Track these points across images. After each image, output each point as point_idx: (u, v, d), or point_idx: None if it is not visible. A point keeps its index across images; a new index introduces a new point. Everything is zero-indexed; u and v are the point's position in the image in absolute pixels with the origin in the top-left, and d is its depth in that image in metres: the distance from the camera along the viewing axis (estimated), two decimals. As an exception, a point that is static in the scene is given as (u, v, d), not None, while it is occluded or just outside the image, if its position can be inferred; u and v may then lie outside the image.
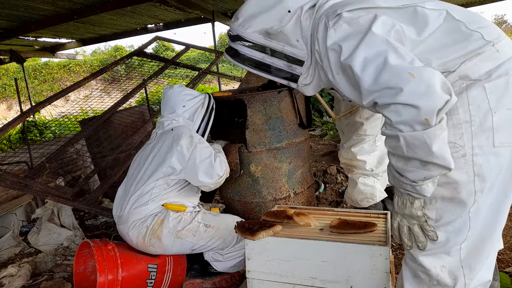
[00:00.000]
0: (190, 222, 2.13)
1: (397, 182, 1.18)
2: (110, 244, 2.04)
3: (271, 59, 1.38)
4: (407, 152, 1.06)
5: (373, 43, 1.10)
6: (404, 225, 1.24)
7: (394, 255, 2.42)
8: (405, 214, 1.22)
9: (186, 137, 2.18)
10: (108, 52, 21.95)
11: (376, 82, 1.07)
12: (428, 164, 1.06)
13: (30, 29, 5.66)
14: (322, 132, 6.54)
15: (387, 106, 1.06)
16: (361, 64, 1.10)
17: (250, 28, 1.35)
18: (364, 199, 2.54)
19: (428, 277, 1.25)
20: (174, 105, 2.39)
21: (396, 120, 1.05)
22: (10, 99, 18.38)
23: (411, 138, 1.03)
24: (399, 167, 1.13)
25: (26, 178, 2.73)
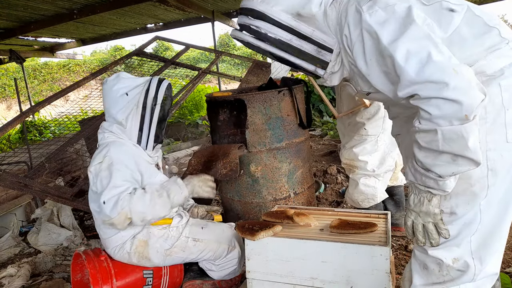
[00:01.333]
0: (177, 239, 2.01)
1: (420, 178, 1.18)
2: (102, 255, 1.99)
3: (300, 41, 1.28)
4: (442, 146, 1.06)
5: (416, 36, 1.09)
6: (419, 223, 1.24)
7: (394, 255, 2.42)
8: (421, 212, 1.23)
9: (97, 162, 1.83)
10: (108, 52, 21.95)
11: (419, 75, 1.05)
12: (458, 159, 1.07)
13: (30, 29, 5.65)
14: (322, 132, 6.54)
15: (428, 100, 1.05)
16: (404, 55, 1.08)
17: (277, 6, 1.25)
18: (365, 199, 2.53)
19: (438, 267, 1.27)
20: (106, 108, 1.99)
21: (436, 114, 1.04)
22: (9, 99, 18.37)
23: (450, 132, 1.04)
24: (428, 162, 1.13)
25: (26, 178, 2.73)
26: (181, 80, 5.80)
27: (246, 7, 1.29)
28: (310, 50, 1.31)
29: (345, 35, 1.23)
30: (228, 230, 2.20)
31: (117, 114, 1.93)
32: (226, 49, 20.21)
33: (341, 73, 1.37)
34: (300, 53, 1.31)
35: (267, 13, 1.25)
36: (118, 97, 1.93)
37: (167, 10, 5.78)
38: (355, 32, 1.20)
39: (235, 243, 2.17)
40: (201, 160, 2.71)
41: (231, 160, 2.46)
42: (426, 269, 1.31)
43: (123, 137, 1.96)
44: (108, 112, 1.97)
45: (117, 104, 1.93)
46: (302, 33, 1.27)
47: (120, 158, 1.84)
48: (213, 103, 2.85)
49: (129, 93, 1.94)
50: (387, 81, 1.19)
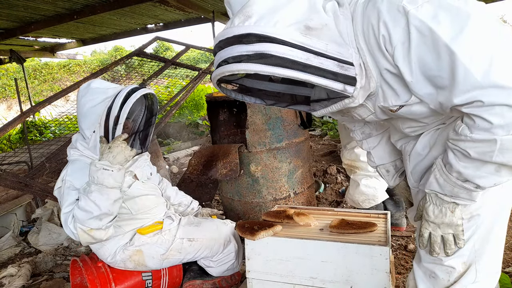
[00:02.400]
0: (172, 242, 2.01)
1: (451, 190, 1.12)
2: (99, 261, 1.99)
3: (318, 58, 1.01)
4: (496, 157, 0.98)
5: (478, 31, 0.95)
6: (439, 234, 1.19)
7: (394, 255, 2.42)
8: (443, 223, 1.17)
9: (58, 187, 1.80)
10: (108, 52, 21.96)
11: (485, 78, 0.92)
12: (502, 170, 1.02)
13: (30, 29, 5.66)
14: (322, 132, 6.53)
15: (491, 108, 0.93)
16: (468, 54, 0.93)
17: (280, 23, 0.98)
18: (366, 200, 2.54)
19: (448, 276, 1.25)
20: (78, 119, 1.85)
21: (498, 123, 0.94)
22: (10, 99, 18.38)
23: (508, 142, 0.96)
24: (469, 173, 1.05)
25: (26, 178, 2.73)
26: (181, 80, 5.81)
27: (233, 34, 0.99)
28: (332, 67, 1.04)
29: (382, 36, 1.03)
30: (222, 225, 2.19)
31: (85, 129, 1.83)
32: (226, 49, 20.16)
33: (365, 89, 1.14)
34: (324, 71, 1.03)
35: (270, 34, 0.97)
36: (84, 112, 1.81)
37: (167, 11, 5.78)
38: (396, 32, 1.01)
39: (231, 237, 2.18)
40: (201, 160, 2.72)
41: (231, 160, 2.47)
42: (433, 277, 1.29)
43: (87, 154, 1.86)
44: (79, 125, 1.86)
45: (84, 119, 1.82)
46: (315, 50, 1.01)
47: (73, 181, 1.77)
48: (213, 103, 2.86)
49: (95, 108, 1.79)
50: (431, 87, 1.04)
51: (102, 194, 1.65)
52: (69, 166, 1.83)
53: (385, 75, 1.11)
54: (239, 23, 0.99)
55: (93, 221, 1.65)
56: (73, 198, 1.72)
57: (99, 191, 1.65)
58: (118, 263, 1.96)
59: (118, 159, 1.69)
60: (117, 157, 1.69)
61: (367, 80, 1.13)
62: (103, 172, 1.65)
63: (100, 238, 1.71)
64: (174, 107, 3.91)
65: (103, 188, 1.65)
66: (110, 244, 1.93)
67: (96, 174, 1.65)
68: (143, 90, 1.87)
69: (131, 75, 4.92)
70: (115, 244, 1.94)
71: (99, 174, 1.65)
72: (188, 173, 2.81)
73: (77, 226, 1.65)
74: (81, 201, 1.66)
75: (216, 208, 3.56)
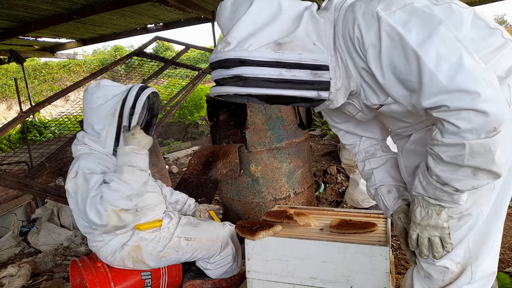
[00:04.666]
0: (170, 239, 2.02)
1: (433, 192, 1.13)
2: (99, 261, 1.99)
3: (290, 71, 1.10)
4: (467, 161, 1.00)
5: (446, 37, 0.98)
6: (425, 236, 1.20)
7: (394, 255, 2.42)
8: (429, 226, 1.18)
9: (71, 178, 1.80)
10: (108, 52, 21.96)
11: (450, 82, 0.95)
12: (479, 173, 1.02)
13: (30, 29, 5.65)
14: (322, 132, 6.54)
15: (457, 112, 0.96)
16: (434, 59, 0.96)
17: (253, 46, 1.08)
18: (365, 199, 2.54)
19: (442, 276, 1.26)
20: (86, 116, 1.93)
21: (466, 128, 0.96)
22: (10, 99, 18.39)
23: (477, 146, 0.98)
24: (447, 176, 1.07)
25: (26, 178, 2.73)
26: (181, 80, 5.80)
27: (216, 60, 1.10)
28: (305, 77, 1.12)
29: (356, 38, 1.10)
30: (220, 228, 2.20)
31: (95, 124, 1.90)
32: (226, 49, 20.18)
33: (346, 88, 1.21)
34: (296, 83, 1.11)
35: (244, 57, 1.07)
36: (96, 107, 1.89)
37: (167, 11, 5.78)
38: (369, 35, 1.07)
39: (228, 240, 2.18)
40: (201, 160, 2.72)
41: (231, 160, 2.47)
42: (428, 278, 1.30)
43: (96, 148, 1.91)
44: (87, 121, 1.93)
45: (96, 114, 1.89)
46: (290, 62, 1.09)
47: (92, 167, 1.81)
48: (213, 103, 2.86)
49: (108, 102, 1.89)
50: (403, 89, 1.08)
51: (134, 175, 1.74)
52: (81, 158, 1.85)
53: (364, 75, 1.17)
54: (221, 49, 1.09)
55: (124, 201, 1.70)
56: (98, 182, 1.75)
57: (131, 172, 1.73)
58: (117, 261, 1.96)
59: (143, 144, 1.82)
60: (141, 142, 1.81)
61: (347, 80, 1.19)
62: (134, 155, 1.77)
63: (127, 222, 1.75)
64: (174, 107, 3.91)
65: (135, 170, 1.75)
66: (113, 242, 1.94)
67: (127, 157, 1.75)
68: (151, 88, 1.99)
69: (131, 75, 4.91)
70: (117, 243, 1.95)
71: (131, 157, 1.75)
72: (188, 173, 2.81)
73: (107, 207, 1.67)
74: (112, 182, 1.71)
75: (216, 208, 3.55)
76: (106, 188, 1.70)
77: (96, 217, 1.68)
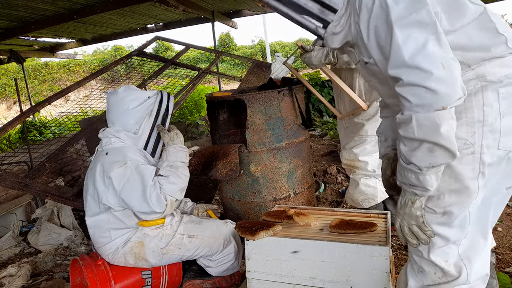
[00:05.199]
0: (172, 236, 2.04)
1: (404, 174, 1.20)
2: (99, 259, 2.00)
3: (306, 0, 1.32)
4: (417, 133, 1.10)
5: (423, 20, 1.09)
6: (405, 225, 1.27)
7: (394, 255, 2.42)
8: (405, 214, 1.25)
9: (118, 167, 1.88)
10: (108, 52, 21.96)
11: (411, 59, 1.07)
12: (435, 149, 1.10)
13: (30, 29, 5.65)
14: (322, 132, 6.53)
15: (410, 88, 1.08)
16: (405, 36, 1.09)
17: None
18: (366, 199, 2.54)
19: (434, 269, 1.29)
20: (115, 117, 2.05)
21: (416, 103, 1.08)
22: (10, 99, 18.38)
23: (423, 118, 1.08)
24: (408, 153, 1.16)
25: (26, 178, 2.73)
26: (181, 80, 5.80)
27: None
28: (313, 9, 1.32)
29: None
30: (222, 225, 2.22)
31: (130, 123, 2.02)
32: (226, 49, 20.22)
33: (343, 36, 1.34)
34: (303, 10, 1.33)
35: None
36: (131, 108, 2.02)
37: (167, 11, 5.78)
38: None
39: (230, 238, 2.19)
40: (201, 160, 2.72)
41: (231, 160, 2.47)
42: (421, 272, 1.33)
43: (129, 143, 2.03)
44: (119, 121, 2.03)
45: (131, 114, 2.02)
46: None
47: (138, 159, 1.95)
48: (213, 103, 2.86)
49: (143, 103, 2.05)
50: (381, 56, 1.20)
51: (185, 170, 1.98)
52: (124, 149, 1.97)
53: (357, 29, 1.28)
54: None
55: (180, 192, 1.93)
56: (153, 172, 1.91)
57: (184, 167, 1.98)
58: (119, 258, 1.97)
59: (182, 141, 2.08)
60: (182, 140, 2.08)
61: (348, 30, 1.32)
62: (183, 151, 2.01)
63: (171, 211, 1.94)
64: (174, 107, 3.90)
65: (185, 165, 2.00)
66: (118, 239, 1.96)
67: (178, 154, 1.99)
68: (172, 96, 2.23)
69: (131, 75, 4.91)
70: (121, 240, 1.96)
71: (181, 154, 2.00)
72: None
73: (167, 197, 1.86)
74: (171, 176, 1.89)
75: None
76: (165, 180, 1.88)
77: (158, 205, 1.84)
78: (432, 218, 1.27)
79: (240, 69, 19.30)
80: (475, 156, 1.19)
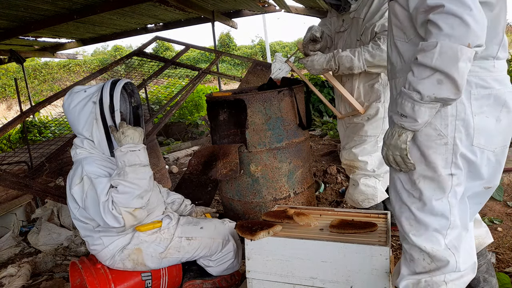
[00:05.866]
0: (170, 240, 2.01)
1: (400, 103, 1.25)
2: (98, 262, 1.99)
3: None
4: (435, 60, 1.12)
5: None
6: (390, 154, 1.33)
7: (394, 255, 2.42)
8: (390, 145, 1.31)
9: (76, 184, 1.79)
10: (108, 52, 21.96)
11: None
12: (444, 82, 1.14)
13: (30, 29, 5.65)
14: (322, 132, 6.53)
15: (446, 16, 1.09)
16: None
17: None
18: (366, 199, 2.53)
19: (422, 256, 1.34)
20: (72, 127, 1.92)
21: (446, 32, 1.10)
22: (10, 99, 18.39)
23: (447, 47, 1.10)
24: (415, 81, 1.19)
25: (26, 178, 2.73)
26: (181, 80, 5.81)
27: None
28: None
29: None
30: (220, 225, 2.20)
31: (83, 131, 1.89)
32: (226, 49, 20.21)
33: None
34: None
35: None
36: (76, 116, 1.87)
37: (167, 11, 5.78)
38: None
39: (229, 237, 2.18)
40: (201, 160, 2.72)
41: (231, 160, 2.47)
42: (412, 260, 1.38)
43: (94, 151, 1.91)
44: (75, 130, 1.92)
45: (79, 122, 1.88)
46: None
47: (96, 171, 1.81)
48: (213, 103, 2.86)
49: (85, 108, 1.86)
50: None
51: (137, 173, 1.76)
52: (82, 162, 1.84)
53: None
54: None
55: (136, 200, 1.74)
56: (107, 185, 1.76)
57: (134, 172, 1.75)
58: (117, 263, 1.96)
59: (135, 138, 1.82)
60: (134, 138, 1.82)
61: None
62: (131, 153, 1.78)
63: (141, 218, 1.81)
64: (174, 107, 3.91)
65: (136, 168, 1.77)
66: (112, 245, 1.93)
67: (125, 157, 1.76)
68: (124, 79, 1.97)
69: (131, 75, 4.91)
70: (117, 245, 1.94)
71: (128, 156, 1.77)
72: (188, 173, 2.81)
73: (121, 210, 1.71)
74: (119, 186, 1.73)
75: (216, 208, 3.56)
76: (115, 192, 1.72)
77: (113, 221, 1.72)
78: (411, 201, 1.35)
79: (240, 69, 19.30)
80: (448, 147, 1.27)
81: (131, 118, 2.00)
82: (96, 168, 1.82)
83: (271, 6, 6.29)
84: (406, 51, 1.32)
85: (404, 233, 1.38)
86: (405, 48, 1.33)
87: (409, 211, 1.35)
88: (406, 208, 1.36)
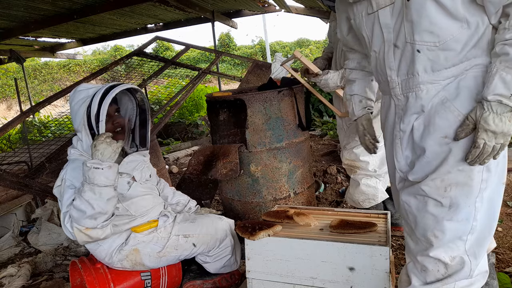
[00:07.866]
0: (168, 239, 2.01)
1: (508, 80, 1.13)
2: (98, 262, 1.99)
3: None
4: None
5: None
6: (492, 144, 1.18)
7: (394, 255, 2.42)
8: (502, 132, 1.16)
9: (58, 185, 1.79)
10: (108, 52, 21.97)
11: None
12: None
13: (30, 29, 5.65)
14: (322, 132, 6.53)
15: None
16: None
17: None
18: (366, 200, 2.54)
19: (437, 267, 1.29)
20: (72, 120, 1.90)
21: None
22: (10, 99, 18.39)
23: None
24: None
25: (26, 178, 2.73)
26: (181, 80, 5.81)
27: None
28: None
29: None
30: (217, 220, 2.19)
31: (76, 131, 1.86)
32: (226, 49, 20.22)
33: None
34: None
35: None
36: (74, 114, 1.84)
37: (167, 11, 5.79)
38: None
39: (227, 232, 2.18)
40: (201, 160, 2.72)
41: (231, 160, 2.47)
42: (424, 271, 1.33)
43: (84, 154, 1.86)
44: (74, 128, 1.90)
45: (75, 121, 1.85)
46: None
47: (73, 179, 1.76)
48: (213, 103, 2.86)
49: (80, 109, 1.81)
50: None
51: (94, 193, 1.64)
52: (69, 165, 1.83)
53: None
54: None
55: (88, 220, 1.64)
56: (71, 197, 1.71)
57: (91, 190, 1.63)
58: (115, 264, 1.96)
59: (106, 155, 1.68)
60: (104, 154, 1.68)
61: None
62: (94, 171, 1.64)
63: (97, 237, 1.70)
64: (174, 107, 3.91)
65: (95, 187, 1.64)
66: (106, 244, 1.92)
67: (88, 173, 1.64)
68: (122, 86, 1.86)
69: (131, 75, 4.91)
70: (111, 245, 1.94)
71: (90, 173, 1.64)
72: (188, 173, 2.81)
73: (74, 225, 1.65)
74: (76, 200, 1.65)
75: (216, 208, 3.56)
76: (72, 206, 1.66)
77: (68, 233, 1.68)
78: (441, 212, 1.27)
79: (240, 69, 19.30)
80: None
81: (132, 125, 2.00)
82: (76, 174, 1.76)
83: (271, 6, 6.29)
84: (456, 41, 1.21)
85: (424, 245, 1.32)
86: None
87: (435, 221, 1.28)
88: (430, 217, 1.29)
